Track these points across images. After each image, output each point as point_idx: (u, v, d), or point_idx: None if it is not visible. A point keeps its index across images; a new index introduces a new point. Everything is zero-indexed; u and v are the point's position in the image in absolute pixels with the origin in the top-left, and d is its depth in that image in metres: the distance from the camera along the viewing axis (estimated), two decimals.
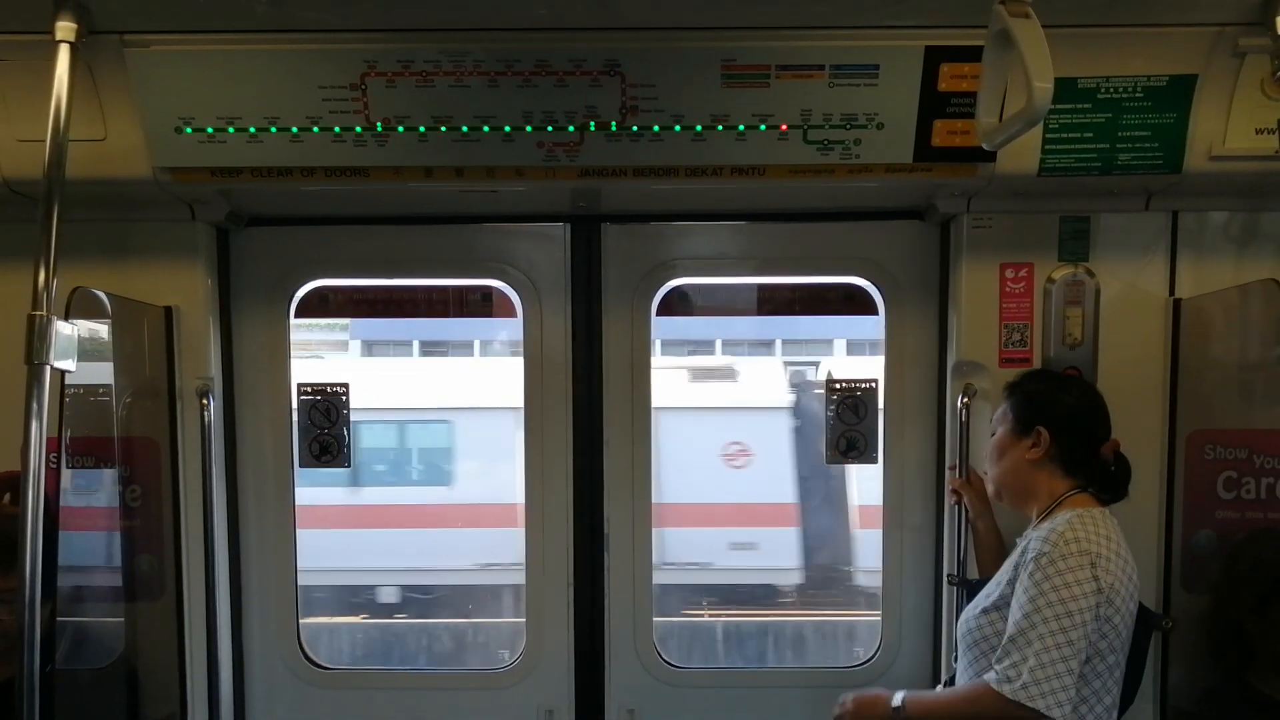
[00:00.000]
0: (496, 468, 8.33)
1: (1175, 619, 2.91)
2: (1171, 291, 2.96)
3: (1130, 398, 2.95)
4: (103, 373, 2.80)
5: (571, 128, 2.61)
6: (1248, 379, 2.94)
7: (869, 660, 3.34)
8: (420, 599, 8.44)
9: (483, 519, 8.14)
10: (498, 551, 7.70)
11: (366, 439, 8.38)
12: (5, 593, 2.57)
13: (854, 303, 3.32)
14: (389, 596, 8.43)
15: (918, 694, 2.60)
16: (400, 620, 8.30)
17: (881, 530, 3.30)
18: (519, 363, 3.23)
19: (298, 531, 3.30)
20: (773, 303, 3.75)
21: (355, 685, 3.39)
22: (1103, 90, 2.61)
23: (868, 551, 7.37)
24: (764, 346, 9.66)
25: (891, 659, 3.28)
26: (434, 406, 8.72)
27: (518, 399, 3.24)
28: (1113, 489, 2.60)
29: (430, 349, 9.90)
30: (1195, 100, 2.60)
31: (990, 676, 2.40)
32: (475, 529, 8.20)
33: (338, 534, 7.80)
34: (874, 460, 3.27)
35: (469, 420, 8.59)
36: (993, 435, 2.71)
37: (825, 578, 8.45)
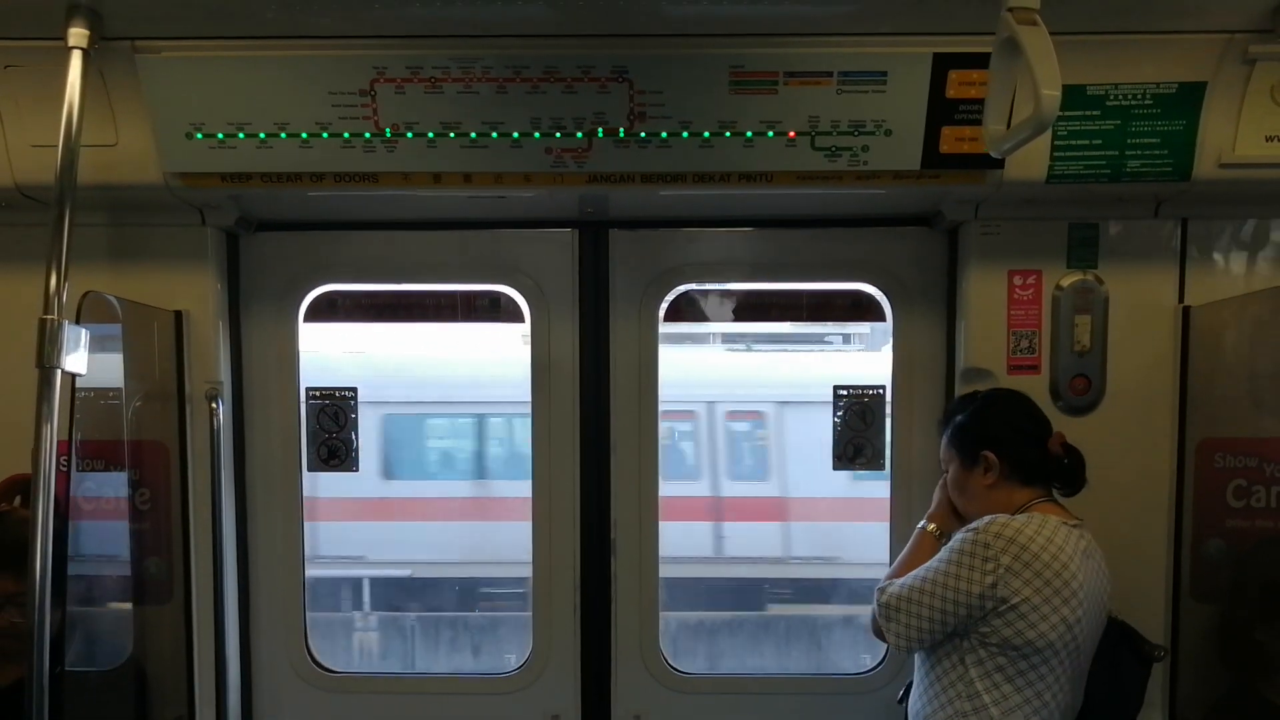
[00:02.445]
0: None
1: (1183, 629, 2.91)
2: (1181, 299, 2.95)
3: (1139, 406, 2.95)
4: (113, 376, 2.82)
5: (580, 134, 2.62)
6: (1258, 387, 2.92)
7: (876, 667, 3.33)
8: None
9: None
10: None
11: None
12: (19, 595, 2.59)
13: (861, 309, 3.31)
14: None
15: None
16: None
17: (888, 537, 3.28)
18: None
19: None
20: (779, 309, 3.74)
21: (362, 689, 3.39)
22: (1111, 97, 2.61)
23: None
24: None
25: (900, 664, 3.27)
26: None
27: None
28: (1071, 481, 2.58)
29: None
30: (1204, 107, 2.60)
31: (884, 584, 2.61)
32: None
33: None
34: (881, 467, 3.26)
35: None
36: (945, 472, 2.70)
37: None
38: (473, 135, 2.62)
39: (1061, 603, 2.34)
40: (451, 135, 2.62)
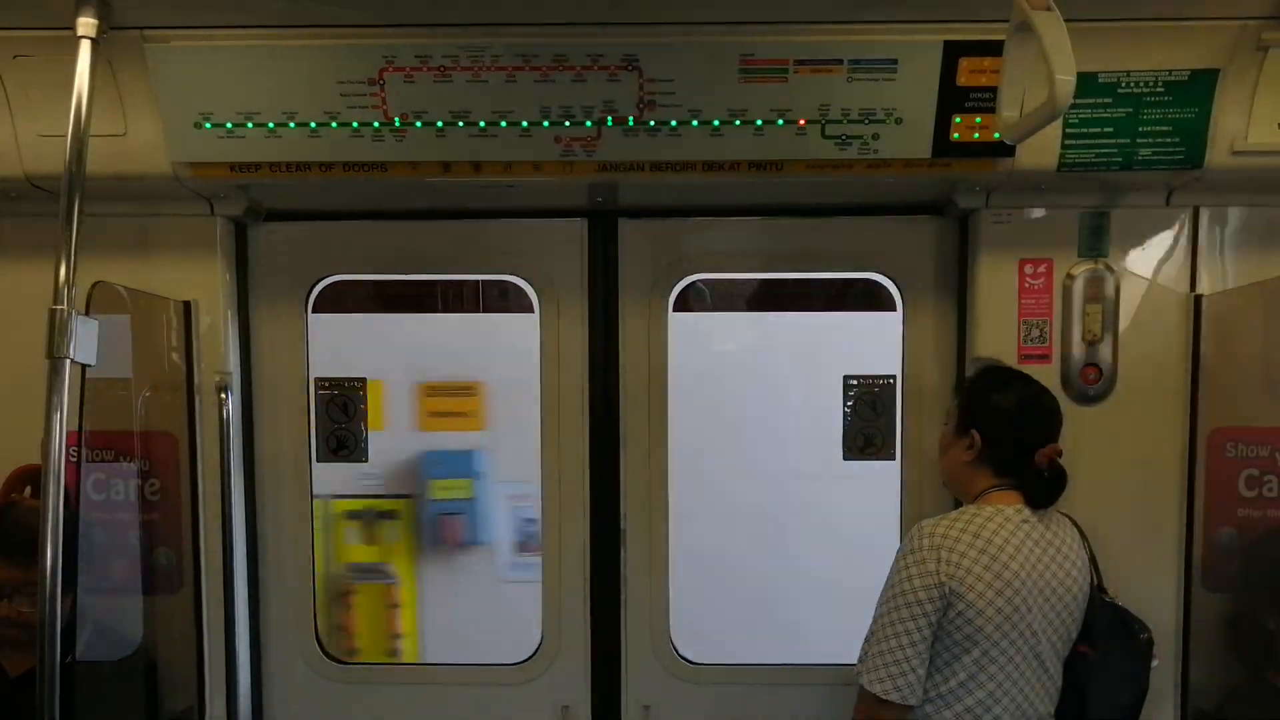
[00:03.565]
0: None
1: (1195, 619, 2.90)
2: (1193, 287, 2.93)
3: (1151, 394, 2.93)
4: (122, 367, 2.82)
5: (589, 123, 2.61)
6: (1270, 376, 2.92)
7: None
8: None
9: None
10: None
11: None
12: (27, 586, 2.60)
13: (872, 298, 3.30)
14: None
15: None
16: None
17: (900, 528, 3.28)
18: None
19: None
20: (789, 298, 3.74)
21: (372, 680, 3.39)
22: (1123, 85, 2.59)
23: None
24: None
25: None
26: None
27: None
28: (1041, 495, 2.54)
29: None
30: (1217, 95, 2.58)
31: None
32: None
33: None
34: (892, 457, 3.26)
35: None
36: (943, 426, 2.74)
37: None
38: (482, 124, 2.62)
39: (995, 594, 2.37)
40: (460, 124, 2.62)
